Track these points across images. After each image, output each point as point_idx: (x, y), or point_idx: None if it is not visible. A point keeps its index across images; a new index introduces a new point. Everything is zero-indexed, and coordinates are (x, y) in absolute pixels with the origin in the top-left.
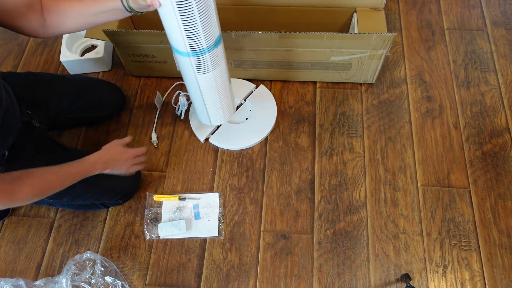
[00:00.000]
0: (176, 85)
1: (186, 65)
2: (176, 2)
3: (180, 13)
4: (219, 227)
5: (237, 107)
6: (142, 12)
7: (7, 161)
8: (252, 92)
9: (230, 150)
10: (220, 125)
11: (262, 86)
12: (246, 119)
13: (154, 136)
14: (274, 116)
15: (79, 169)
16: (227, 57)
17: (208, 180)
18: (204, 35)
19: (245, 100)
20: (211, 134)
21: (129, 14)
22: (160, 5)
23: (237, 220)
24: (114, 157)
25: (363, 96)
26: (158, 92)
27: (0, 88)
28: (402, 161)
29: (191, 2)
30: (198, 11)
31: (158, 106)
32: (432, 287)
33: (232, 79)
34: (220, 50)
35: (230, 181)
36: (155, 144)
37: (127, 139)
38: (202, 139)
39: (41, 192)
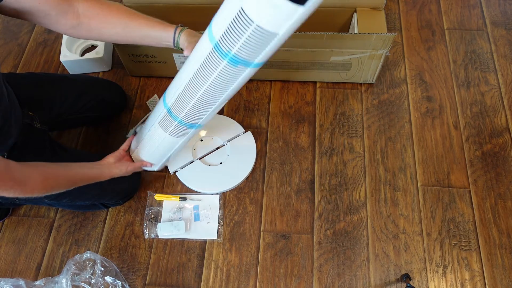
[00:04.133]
0: None
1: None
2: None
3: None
4: (218, 230)
5: (217, 148)
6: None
7: None
8: (239, 136)
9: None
10: (193, 161)
11: (249, 133)
12: (221, 163)
13: (131, 132)
14: (248, 169)
15: (91, 174)
16: None
17: None
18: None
19: (227, 142)
20: (181, 168)
21: (172, 47)
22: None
23: (237, 220)
24: (116, 164)
25: (363, 96)
26: (156, 95)
27: (3, 93)
28: (402, 161)
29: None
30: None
31: (151, 108)
32: (432, 287)
33: (224, 118)
34: (192, 131)
35: None
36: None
37: (125, 146)
38: (171, 170)
39: (52, 186)
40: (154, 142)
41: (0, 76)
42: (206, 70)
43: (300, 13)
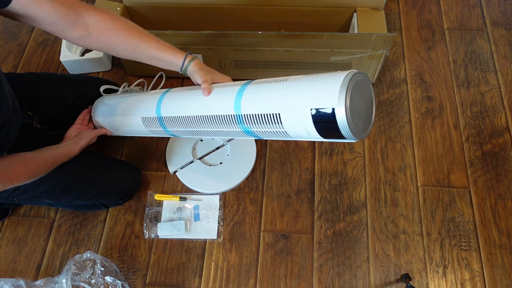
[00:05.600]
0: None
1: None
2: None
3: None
4: (218, 230)
5: (217, 148)
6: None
7: None
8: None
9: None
10: (193, 161)
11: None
12: (221, 163)
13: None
14: (248, 169)
15: (63, 152)
16: (227, 56)
17: None
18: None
19: (227, 142)
20: (181, 168)
21: (179, 72)
22: (208, 95)
23: (237, 220)
24: (79, 136)
25: None
26: (126, 83)
27: (4, 92)
28: (402, 161)
29: None
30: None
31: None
32: (432, 287)
33: None
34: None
35: None
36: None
37: (79, 121)
38: (171, 170)
39: (35, 170)
40: (128, 127)
41: (3, 75)
42: (217, 123)
43: (321, 140)
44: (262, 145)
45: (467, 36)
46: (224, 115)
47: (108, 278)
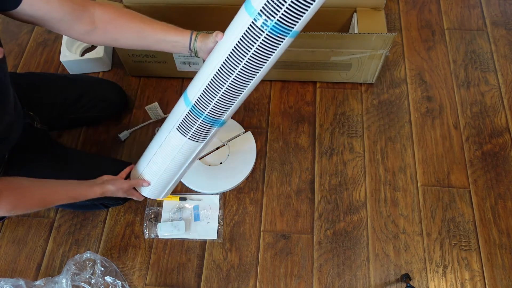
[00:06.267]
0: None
1: (175, 114)
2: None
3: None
4: (218, 230)
5: (217, 148)
6: (198, 57)
7: (8, 163)
8: (239, 136)
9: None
10: None
11: (249, 133)
12: (221, 163)
13: (125, 133)
14: (248, 169)
15: (73, 193)
16: None
17: None
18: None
19: (227, 142)
20: None
21: (188, 53)
22: (222, 36)
23: (237, 220)
24: (110, 180)
25: (363, 96)
26: (156, 102)
27: (9, 93)
28: (402, 161)
29: None
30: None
31: (152, 116)
32: (432, 287)
33: None
34: (213, 131)
35: None
36: (122, 139)
37: (123, 174)
38: None
39: (24, 206)
40: (169, 156)
41: (8, 75)
42: (243, 49)
43: None
44: (262, 145)
45: (467, 36)
46: (244, 34)
47: (108, 278)
